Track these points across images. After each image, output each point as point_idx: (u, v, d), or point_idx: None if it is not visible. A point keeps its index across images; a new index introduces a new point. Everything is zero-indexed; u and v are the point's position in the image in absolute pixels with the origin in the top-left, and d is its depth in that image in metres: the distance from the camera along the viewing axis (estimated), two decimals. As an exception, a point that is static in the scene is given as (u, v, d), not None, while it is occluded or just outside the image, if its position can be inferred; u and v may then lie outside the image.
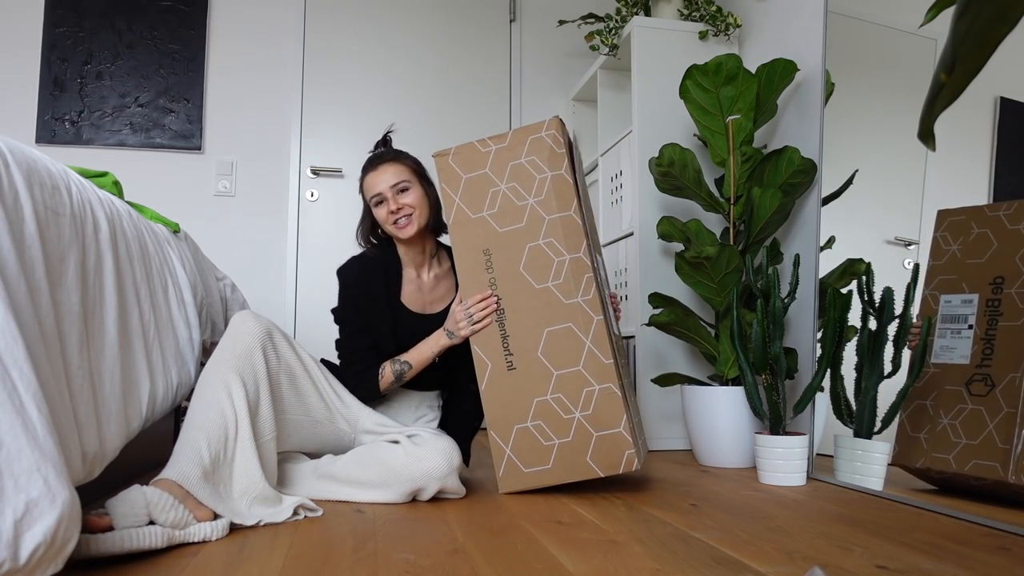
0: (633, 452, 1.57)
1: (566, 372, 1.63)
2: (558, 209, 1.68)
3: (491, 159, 1.73)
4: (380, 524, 1.36)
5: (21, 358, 0.85)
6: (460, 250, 1.71)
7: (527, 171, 1.70)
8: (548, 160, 1.70)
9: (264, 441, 1.46)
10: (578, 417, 1.61)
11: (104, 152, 3.07)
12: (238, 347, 1.48)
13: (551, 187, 1.69)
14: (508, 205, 1.70)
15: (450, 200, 1.74)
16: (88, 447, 1.04)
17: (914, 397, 1.76)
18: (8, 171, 0.96)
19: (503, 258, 1.69)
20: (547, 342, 1.64)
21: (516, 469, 1.63)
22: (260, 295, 3.14)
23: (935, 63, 0.52)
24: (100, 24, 3.09)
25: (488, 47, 3.44)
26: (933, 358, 1.74)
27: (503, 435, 1.64)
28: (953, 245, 1.73)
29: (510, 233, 1.69)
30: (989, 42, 0.47)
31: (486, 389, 1.66)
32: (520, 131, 1.73)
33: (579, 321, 1.63)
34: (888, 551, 1.19)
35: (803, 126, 2.31)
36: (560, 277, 1.66)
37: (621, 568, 1.07)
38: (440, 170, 1.75)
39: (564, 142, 1.72)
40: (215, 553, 1.15)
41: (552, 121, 1.72)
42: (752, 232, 2.20)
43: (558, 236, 1.67)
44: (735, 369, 2.20)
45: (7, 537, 0.77)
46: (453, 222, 1.73)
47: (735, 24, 2.68)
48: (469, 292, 1.69)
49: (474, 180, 1.73)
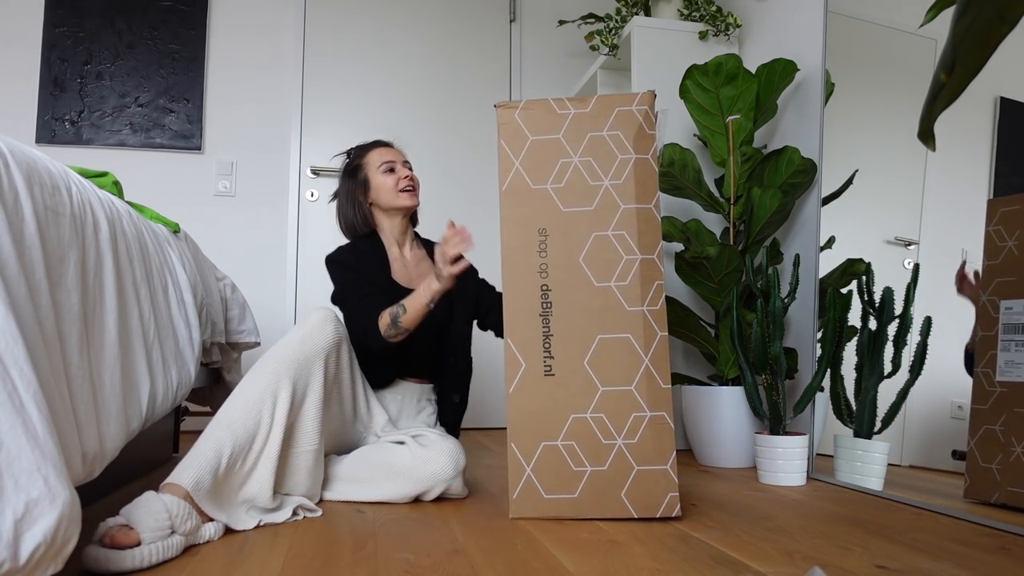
0: (677, 496, 1.38)
1: (614, 390, 1.41)
2: (637, 199, 1.46)
3: (567, 124, 1.49)
4: (380, 524, 1.36)
5: (21, 358, 0.85)
6: (510, 224, 1.47)
7: (608, 146, 1.47)
8: (635, 139, 1.47)
9: (299, 451, 1.43)
10: (620, 444, 1.39)
11: (104, 152, 3.07)
12: (306, 349, 1.45)
13: (633, 171, 1.46)
14: (579, 181, 1.47)
15: (508, 162, 1.49)
16: (88, 447, 1.04)
17: (981, 422, 1.53)
18: (8, 171, 0.96)
19: (561, 242, 1.45)
20: (597, 351, 1.42)
21: (535, 493, 1.40)
22: (260, 295, 3.14)
23: (935, 63, 0.52)
24: (100, 24, 3.09)
25: (488, 47, 3.44)
26: (998, 376, 1.51)
27: (526, 451, 1.41)
28: (1009, 241, 1.49)
29: (575, 215, 1.46)
30: (989, 42, 0.48)
31: (514, 393, 1.42)
32: (607, 98, 1.49)
33: (640, 333, 1.42)
34: (888, 551, 1.19)
35: (803, 126, 2.31)
36: (626, 279, 1.44)
37: (621, 568, 1.07)
38: (502, 124, 1.50)
39: (655, 122, 1.50)
40: (215, 553, 1.15)
41: (645, 95, 1.49)
42: (752, 232, 2.20)
43: (632, 230, 1.45)
44: (735, 369, 2.20)
45: (7, 537, 0.77)
46: (507, 190, 1.48)
47: (735, 24, 2.68)
48: (513, 277, 1.46)
49: (542, 144, 1.49)
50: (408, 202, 1.83)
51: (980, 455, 1.54)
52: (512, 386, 1.43)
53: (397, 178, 1.83)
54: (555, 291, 1.44)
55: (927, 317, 1.73)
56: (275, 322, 3.14)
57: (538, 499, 1.40)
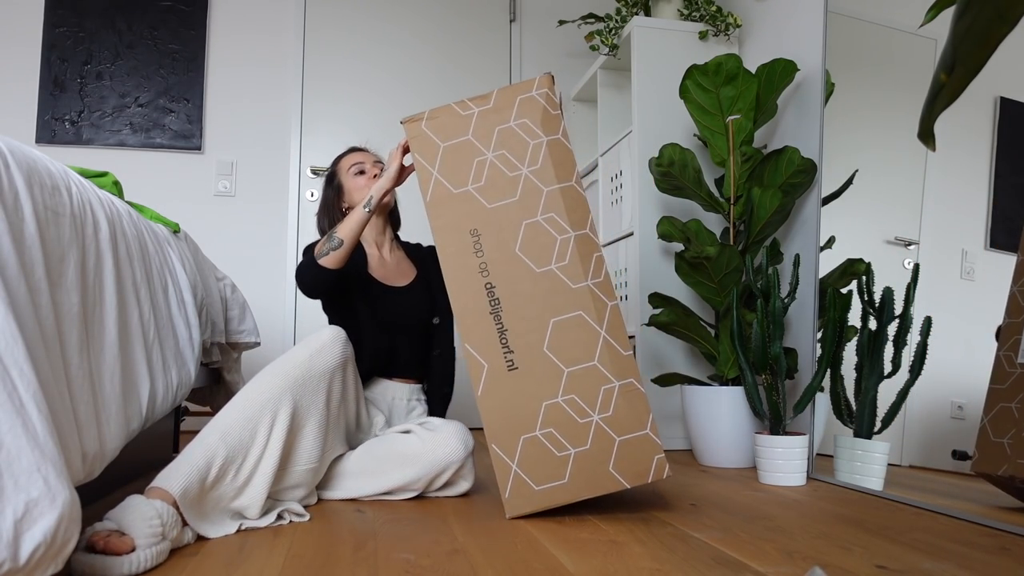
0: (663, 457, 1.39)
1: (579, 368, 1.42)
2: (558, 179, 1.47)
3: (474, 123, 1.50)
4: (380, 524, 1.36)
5: (21, 358, 0.85)
6: (442, 232, 1.47)
7: (518, 136, 1.49)
8: (542, 123, 1.49)
9: (299, 468, 1.42)
10: (596, 420, 1.40)
11: (104, 152, 3.07)
12: (314, 368, 1.44)
13: (547, 154, 1.48)
14: (497, 176, 1.48)
15: (426, 174, 1.49)
16: (88, 447, 1.04)
17: (997, 400, 1.54)
18: (8, 171, 0.96)
19: (495, 239, 1.46)
20: (554, 335, 1.42)
21: (526, 488, 1.39)
22: (260, 295, 3.14)
23: (935, 63, 0.52)
24: (100, 24, 3.09)
25: (488, 47, 3.44)
26: (1020, 358, 1.52)
27: (507, 449, 1.40)
28: None
29: (502, 209, 1.47)
30: (989, 42, 0.48)
31: (483, 396, 1.42)
32: (506, 90, 1.51)
33: (590, 308, 1.43)
34: (888, 551, 1.19)
35: (803, 126, 2.31)
36: (565, 258, 1.45)
37: (621, 568, 1.07)
38: (412, 139, 1.51)
39: (558, 103, 1.53)
40: (215, 553, 1.15)
41: (543, 79, 1.52)
42: (752, 232, 2.20)
43: (559, 210, 1.46)
44: (735, 369, 2.20)
45: (7, 537, 0.77)
46: (431, 200, 1.48)
47: (735, 24, 2.68)
48: (456, 282, 1.46)
49: (455, 148, 1.50)
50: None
51: (992, 430, 1.55)
52: (479, 388, 1.42)
53: (367, 177, 1.86)
54: (499, 286, 1.45)
55: (927, 317, 1.73)
56: (275, 322, 3.14)
57: (530, 493, 1.39)
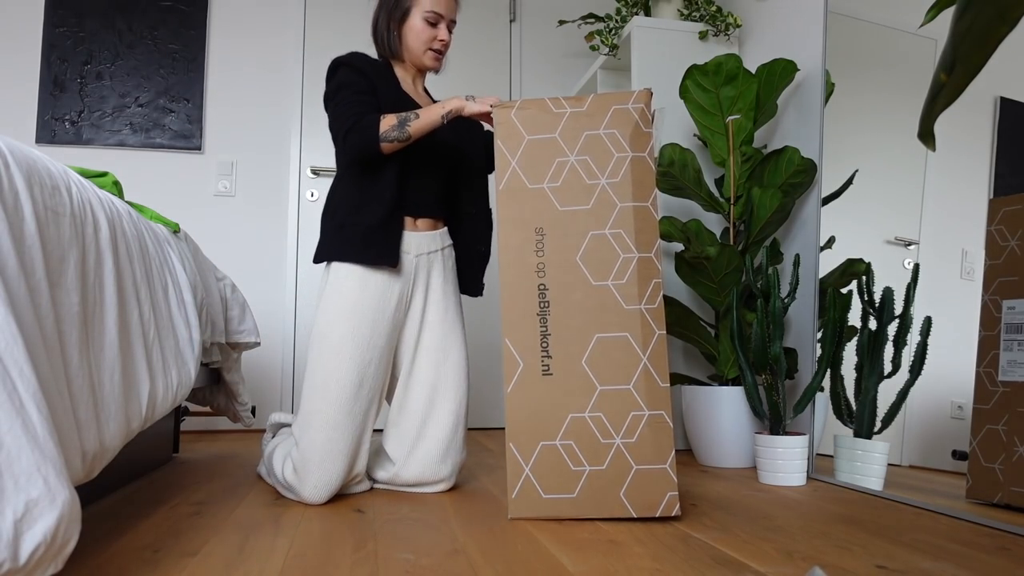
0: (676, 495, 1.38)
1: (612, 389, 1.41)
2: (634, 197, 1.46)
3: (563, 123, 1.49)
4: (380, 524, 1.36)
5: (21, 358, 0.85)
6: (507, 224, 1.47)
7: (604, 145, 1.48)
8: (631, 137, 1.48)
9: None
10: (618, 444, 1.39)
11: (104, 152, 3.07)
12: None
13: (630, 169, 1.46)
14: (575, 180, 1.47)
15: (505, 162, 1.49)
16: (88, 447, 1.04)
17: (983, 422, 1.53)
18: (8, 171, 0.96)
19: (558, 242, 1.46)
20: (595, 350, 1.42)
21: (534, 493, 1.40)
22: (260, 295, 3.14)
23: (935, 63, 0.52)
24: (100, 24, 3.09)
25: (488, 47, 3.44)
26: (1000, 375, 1.50)
27: (524, 450, 1.41)
28: (1012, 240, 1.48)
29: (571, 214, 1.46)
30: (989, 42, 0.48)
31: (512, 393, 1.42)
32: (602, 97, 1.50)
33: (638, 332, 1.42)
34: (888, 551, 1.19)
35: (803, 126, 2.31)
36: (624, 277, 1.44)
37: (621, 568, 1.07)
38: (499, 124, 1.51)
39: (651, 119, 1.51)
40: (215, 553, 1.15)
41: (641, 93, 1.50)
42: (752, 232, 2.20)
43: (629, 228, 1.45)
44: (735, 369, 2.20)
45: (7, 537, 0.77)
46: (504, 188, 1.48)
47: (735, 24, 2.68)
48: (510, 275, 1.46)
49: (539, 143, 1.49)
50: (429, 63, 1.75)
51: (982, 455, 1.53)
52: (510, 386, 1.43)
53: (434, 34, 1.73)
54: (552, 290, 1.44)
55: (927, 317, 1.73)
56: (275, 322, 3.14)
57: (537, 499, 1.40)
